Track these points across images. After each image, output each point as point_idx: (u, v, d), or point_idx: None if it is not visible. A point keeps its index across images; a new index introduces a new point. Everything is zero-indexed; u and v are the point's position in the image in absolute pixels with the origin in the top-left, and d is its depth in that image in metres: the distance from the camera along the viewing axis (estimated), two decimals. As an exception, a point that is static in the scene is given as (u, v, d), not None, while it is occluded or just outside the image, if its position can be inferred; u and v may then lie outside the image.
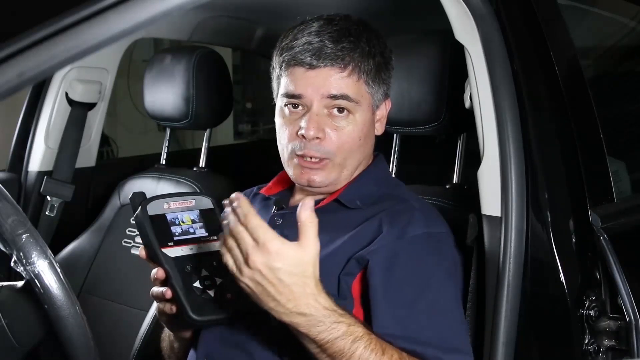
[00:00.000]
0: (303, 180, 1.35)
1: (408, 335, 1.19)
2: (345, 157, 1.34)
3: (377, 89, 1.36)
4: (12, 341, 1.06)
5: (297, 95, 1.32)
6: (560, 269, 1.30)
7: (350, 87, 1.31)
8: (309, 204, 1.09)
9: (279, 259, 1.06)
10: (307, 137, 1.31)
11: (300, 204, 1.09)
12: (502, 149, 1.33)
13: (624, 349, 1.33)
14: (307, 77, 1.31)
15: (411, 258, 1.26)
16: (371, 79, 1.34)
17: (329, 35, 1.31)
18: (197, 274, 1.18)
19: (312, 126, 1.30)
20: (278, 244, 1.06)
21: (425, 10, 1.59)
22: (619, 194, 1.51)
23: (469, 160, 1.57)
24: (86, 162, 2.25)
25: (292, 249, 1.07)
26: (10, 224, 1.03)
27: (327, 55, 1.30)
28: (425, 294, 1.23)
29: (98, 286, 2.06)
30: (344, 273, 1.27)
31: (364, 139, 1.35)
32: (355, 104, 1.32)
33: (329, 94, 1.30)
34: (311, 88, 1.31)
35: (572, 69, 1.49)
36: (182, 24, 2.27)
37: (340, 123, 1.32)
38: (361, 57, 1.32)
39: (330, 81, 1.30)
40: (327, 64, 1.30)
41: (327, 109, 1.32)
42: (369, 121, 1.36)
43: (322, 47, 1.30)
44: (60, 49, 0.72)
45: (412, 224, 1.28)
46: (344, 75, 1.31)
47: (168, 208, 1.21)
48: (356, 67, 1.31)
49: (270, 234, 1.06)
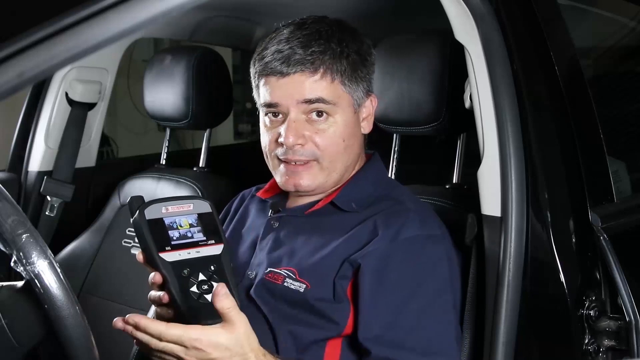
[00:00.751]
0: (289, 186, 1.35)
1: (392, 340, 1.20)
2: (332, 160, 1.33)
3: (356, 88, 1.34)
4: (12, 341, 1.06)
5: (273, 104, 1.32)
6: (560, 269, 1.30)
7: (325, 90, 1.30)
8: (222, 291, 1.09)
9: (213, 348, 1.08)
10: (287, 145, 1.31)
11: (214, 294, 1.09)
12: (502, 149, 1.33)
13: (624, 349, 1.33)
14: (280, 85, 1.31)
15: (403, 261, 1.25)
16: (347, 78, 1.32)
17: (298, 41, 1.30)
18: (194, 278, 1.17)
19: (291, 134, 1.30)
20: (204, 336, 1.08)
21: (425, 10, 1.59)
22: (619, 194, 1.51)
23: (469, 160, 1.57)
24: (86, 162, 2.25)
25: (220, 334, 1.09)
26: (10, 224, 1.03)
27: (297, 61, 1.29)
28: (415, 298, 1.23)
29: (98, 286, 2.06)
30: (339, 276, 1.26)
31: (348, 139, 1.34)
32: (333, 106, 1.31)
33: (304, 98, 1.30)
34: (285, 96, 1.30)
35: (572, 69, 1.49)
36: (182, 24, 2.27)
37: (320, 126, 1.32)
38: (332, 58, 1.30)
39: (303, 86, 1.30)
40: (297, 70, 1.29)
41: (306, 114, 1.31)
42: (351, 121, 1.35)
43: (291, 54, 1.29)
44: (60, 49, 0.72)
45: (406, 226, 1.28)
46: (316, 78, 1.30)
47: (166, 212, 1.21)
48: (328, 69, 1.30)
49: (193, 332, 1.08)
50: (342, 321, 1.25)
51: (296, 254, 1.32)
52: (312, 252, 1.30)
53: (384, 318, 1.21)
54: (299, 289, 1.26)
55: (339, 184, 1.38)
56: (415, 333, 1.20)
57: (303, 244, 1.32)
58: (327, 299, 1.25)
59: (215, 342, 1.08)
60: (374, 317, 1.22)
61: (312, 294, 1.25)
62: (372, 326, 1.21)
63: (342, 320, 1.25)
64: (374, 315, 1.22)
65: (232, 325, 1.09)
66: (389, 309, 1.22)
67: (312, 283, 1.26)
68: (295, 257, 1.31)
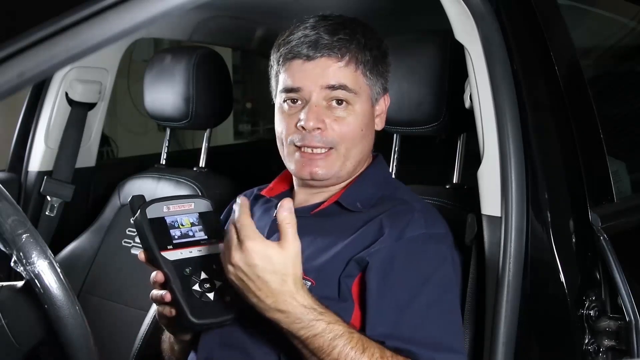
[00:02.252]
0: (305, 173, 1.34)
1: (401, 335, 1.20)
2: (349, 147, 1.34)
3: (375, 82, 1.36)
4: (12, 341, 1.06)
5: (295, 88, 1.32)
6: (560, 269, 1.30)
7: (349, 78, 1.32)
8: (287, 205, 1.13)
9: (256, 256, 1.10)
10: (307, 128, 1.31)
11: (279, 205, 1.13)
12: (502, 149, 1.33)
13: (624, 349, 1.33)
14: (305, 69, 1.31)
15: (408, 259, 1.26)
16: (369, 70, 1.34)
17: (324, 28, 1.31)
18: (196, 277, 1.18)
19: (312, 117, 1.30)
20: (256, 242, 1.10)
21: (425, 10, 1.59)
22: (619, 194, 1.51)
23: (469, 160, 1.57)
24: (86, 162, 2.25)
25: (271, 248, 1.11)
26: (10, 224, 1.03)
27: (324, 45, 1.30)
28: (421, 295, 1.23)
29: (98, 286, 2.06)
30: (344, 275, 1.27)
31: (365, 129, 1.35)
32: (354, 95, 1.32)
33: (328, 84, 1.31)
34: (309, 80, 1.31)
35: (572, 69, 1.49)
36: (182, 24, 2.27)
37: (340, 114, 1.33)
38: (357, 48, 1.32)
39: (328, 71, 1.31)
40: (325, 54, 1.30)
41: (326, 100, 1.32)
42: (368, 113, 1.36)
43: (318, 38, 1.31)
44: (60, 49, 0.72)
45: (411, 225, 1.28)
46: (342, 65, 1.31)
47: (167, 211, 1.21)
48: (353, 58, 1.32)
49: (250, 233, 1.11)
50: (346, 319, 1.25)
51: (302, 254, 1.32)
52: (318, 252, 1.30)
53: (390, 316, 1.22)
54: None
55: (350, 176, 1.38)
56: (422, 330, 1.21)
57: (309, 244, 1.32)
58: (332, 297, 1.25)
59: (264, 251, 1.10)
60: (380, 316, 1.22)
61: (317, 291, 1.25)
62: (378, 324, 1.21)
63: (345, 319, 1.25)
64: (381, 314, 1.23)
65: (285, 242, 1.11)
66: (395, 307, 1.22)
67: (318, 281, 1.26)
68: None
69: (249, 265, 1.10)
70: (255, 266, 1.10)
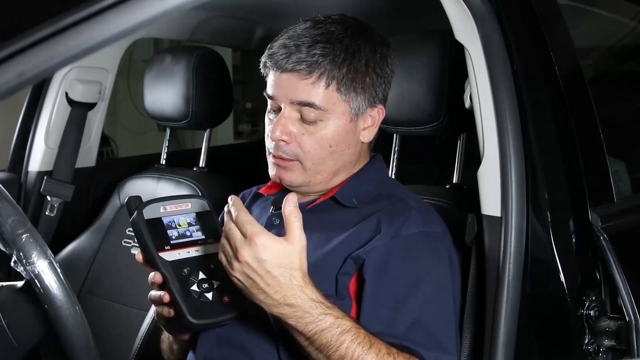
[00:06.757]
0: (276, 177, 1.36)
1: (395, 333, 1.20)
2: (315, 162, 1.32)
3: (355, 97, 1.31)
4: (12, 341, 1.06)
5: (271, 96, 1.33)
6: (560, 269, 1.30)
7: (318, 95, 1.28)
8: (293, 199, 1.14)
9: (266, 251, 1.10)
10: (272, 139, 1.32)
11: (285, 200, 1.13)
12: (502, 149, 1.33)
13: (624, 349, 1.33)
14: (279, 80, 1.31)
15: (404, 257, 1.26)
16: (344, 86, 1.29)
17: (306, 38, 1.29)
18: (194, 277, 1.18)
19: (277, 128, 1.30)
20: (265, 237, 1.11)
21: (425, 10, 1.59)
22: (619, 194, 1.51)
23: (469, 160, 1.57)
24: (86, 162, 2.25)
25: (278, 242, 1.12)
26: (10, 224, 1.03)
27: (296, 60, 1.28)
28: (416, 293, 1.23)
29: (98, 286, 2.06)
30: (341, 273, 1.27)
31: (336, 145, 1.32)
32: (324, 112, 1.29)
33: (296, 100, 1.29)
34: (281, 92, 1.31)
35: (572, 69, 1.49)
36: (182, 24, 2.27)
37: (309, 129, 1.31)
38: (332, 63, 1.28)
39: (297, 87, 1.29)
40: (295, 68, 1.28)
41: (299, 113, 1.31)
42: (343, 130, 1.32)
43: (293, 51, 1.28)
44: (60, 49, 0.72)
45: (407, 223, 1.28)
46: (309, 82, 1.28)
47: (164, 211, 1.21)
48: (323, 75, 1.28)
49: (258, 228, 1.11)
50: None
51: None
52: (314, 249, 1.29)
53: (385, 314, 1.22)
54: None
55: (330, 185, 1.37)
56: (416, 329, 1.21)
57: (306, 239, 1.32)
58: (330, 295, 1.25)
59: (270, 245, 1.11)
60: (375, 313, 1.22)
61: None
62: (374, 322, 1.21)
63: None
64: (376, 311, 1.23)
65: (292, 237, 1.12)
66: (390, 305, 1.22)
67: (315, 279, 1.26)
68: None
69: (258, 260, 1.10)
70: (264, 261, 1.10)
